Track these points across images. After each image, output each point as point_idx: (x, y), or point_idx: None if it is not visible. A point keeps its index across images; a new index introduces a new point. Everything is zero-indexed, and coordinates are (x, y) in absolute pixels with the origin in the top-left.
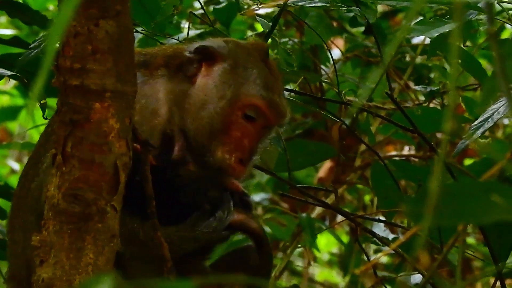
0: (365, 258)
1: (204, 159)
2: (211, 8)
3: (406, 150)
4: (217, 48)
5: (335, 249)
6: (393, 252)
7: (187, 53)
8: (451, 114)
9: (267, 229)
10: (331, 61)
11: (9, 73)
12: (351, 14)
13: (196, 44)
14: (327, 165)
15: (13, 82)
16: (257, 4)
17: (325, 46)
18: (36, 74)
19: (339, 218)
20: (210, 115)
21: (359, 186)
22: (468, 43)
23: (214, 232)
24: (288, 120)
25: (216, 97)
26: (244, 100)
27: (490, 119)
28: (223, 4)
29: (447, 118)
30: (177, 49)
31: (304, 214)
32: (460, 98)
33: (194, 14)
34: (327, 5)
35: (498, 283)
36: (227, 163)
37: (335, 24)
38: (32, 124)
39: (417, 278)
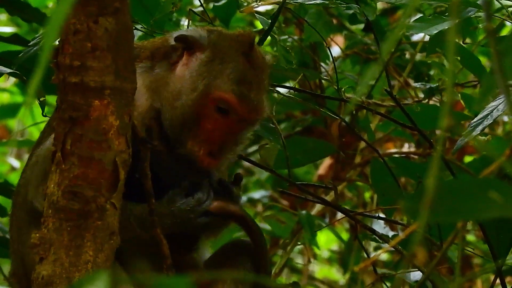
0: (365, 255)
1: (176, 150)
2: (211, 5)
3: (405, 147)
4: (197, 38)
5: (335, 246)
6: (392, 249)
7: (171, 41)
8: (448, 110)
9: (267, 226)
10: (331, 58)
11: (9, 70)
12: (351, 12)
13: (179, 32)
14: (326, 162)
15: (12, 79)
16: (257, 2)
17: (324, 43)
18: (35, 72)
19: (339, 215)
20: (182, 106)
21: (359, 183)
22: (468, 40)
23: (191, 212)
24: (265, 116)
25: (190, 88)
26: (215, 94)
27: (489, 116)
28: (222, 2)
29: (443, 115)
30: (165, 39)
31: (303, 212)
32: (460, 95)
33: (193, 11)
34: (326, 2)
35: (498, 280)
36: (195, 155)
37: (334, 21)
38: (31, 121)
39: (416, 275)
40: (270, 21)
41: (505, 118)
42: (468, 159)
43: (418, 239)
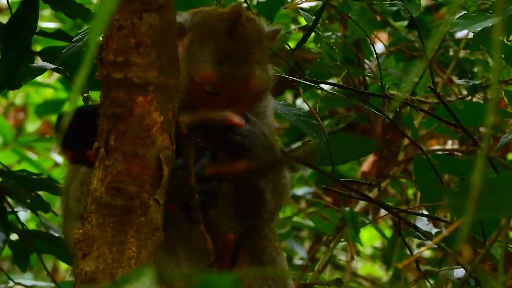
0: (408, 252)
1: None
2: (255, 1)
3: (449, 145)
4: (180, 23)
5: (378, 243)
6: (436, 246)
7: None
8: (493, 108)
9: (310, 222)
10: (374, 55)
11: (52, 66)
12: (395, 8)
13: None
14: (370, 159)
15: (56, 75)
16: None
17: (368, 40)
18: (79, 67)
19: (382, 212)
20: None
21: (402, 180)
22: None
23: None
24: (263, 87)
25: None
26: (198, 77)
27: None
28: None
29: (489, 112)
30: None
31: (347, 208)
32: (503, 92)
33: None
34: None
35: None
36: None
37: (378, 18)
38: None
39: (459, 272)
40: (314, 17)
41: None
42: (511, 156)
43: (464, 236)
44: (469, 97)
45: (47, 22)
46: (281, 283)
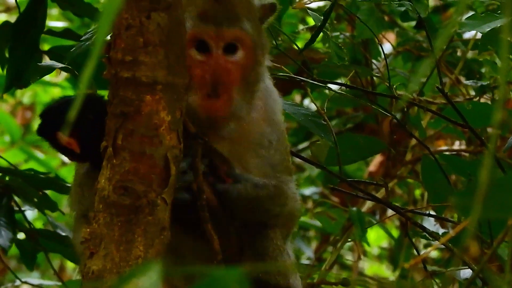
0: (415, 252)
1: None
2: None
3: (456, 145)
4: None
5: (385, 243)
6: (443, 246)
7: None
8: (501, 108)
9: (317, 222)
10: (382, 55)
11: (60, 65)
12: (403, 9)
13: None
14: (377, 159)
15: (64, 74)
16: None
17: (376, 40)
18: (86, 66)
19: (389, 212)
20: None
21: (410, 180)
22: None
23: None
24: (252, 39)
25: None
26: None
27: None
28: None
29: (496, 112)
30: None
31: (354, 208)
32: (511, 93)
33: None
34: None
35: None
36: (195, 104)
37: (386, 18)
38: None
39: (466, 272)
40: (322, 17)
41: None
42: None
43: (470, 235)
44: (477, 98)
45: (55, 21)
46: (285, 281)
